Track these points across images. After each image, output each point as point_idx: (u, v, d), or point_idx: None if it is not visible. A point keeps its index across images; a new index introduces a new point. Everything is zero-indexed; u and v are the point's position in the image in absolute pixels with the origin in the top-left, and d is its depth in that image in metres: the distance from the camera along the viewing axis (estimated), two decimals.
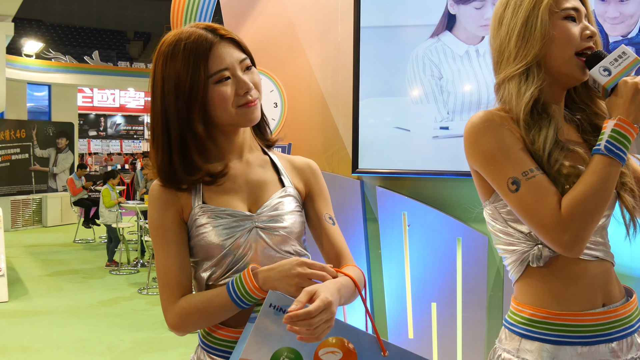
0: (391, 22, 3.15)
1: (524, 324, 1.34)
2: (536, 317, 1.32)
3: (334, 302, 1.14)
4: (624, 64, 1.30)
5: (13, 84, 12.58)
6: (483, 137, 1.32)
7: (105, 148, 22.62)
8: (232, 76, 1.30)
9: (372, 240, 3.26)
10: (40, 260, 8.90)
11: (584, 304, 1.31)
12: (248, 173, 1.39)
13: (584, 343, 1.29)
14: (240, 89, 1.30)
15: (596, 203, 1.23)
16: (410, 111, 3.09)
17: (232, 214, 1.33)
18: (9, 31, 9.78)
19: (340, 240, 1.43)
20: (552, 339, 1.30)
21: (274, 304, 1.18)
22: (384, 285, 3.20)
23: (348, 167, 3.27)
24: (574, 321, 1.30)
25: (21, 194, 12.15)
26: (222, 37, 1.31)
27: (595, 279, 1.33)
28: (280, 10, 3.49)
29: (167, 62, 1.30)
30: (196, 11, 3.87)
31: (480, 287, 2.97)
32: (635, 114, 1.26)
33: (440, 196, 3.12)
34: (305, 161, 1.51)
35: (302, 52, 3.43)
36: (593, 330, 1.30)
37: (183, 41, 1.29)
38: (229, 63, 1.30)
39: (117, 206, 8.35)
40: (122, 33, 28.07)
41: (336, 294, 1.18)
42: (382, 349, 1.18)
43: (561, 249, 1.24)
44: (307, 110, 3.45)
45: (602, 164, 1.24)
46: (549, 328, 1.31)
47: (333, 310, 1.14)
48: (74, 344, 5.11)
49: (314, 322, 1.11)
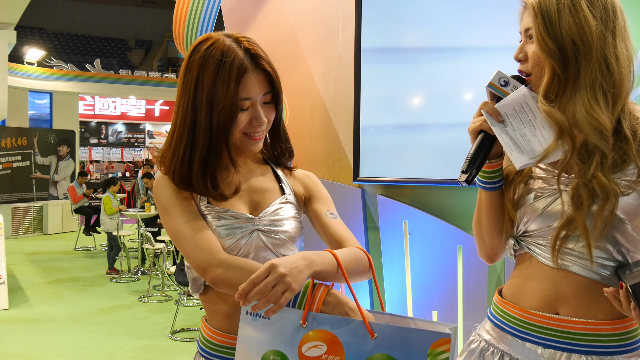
0: (392, 30, 3.16)
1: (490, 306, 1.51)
2: (495, 300, 1.48)
3: (277, 264, 1.14)
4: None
5: (15, 92, 12.61)
6: None
7: (106, 156, 22.64)
8: (252, 106, 1.35)
9: (373, 248, 3.26)
10: (41, 267, 8.89)
11: (533, 304, 1.37)
12: (250, 179, 1.44)
13: (515, 332, 1.39)
14: (255, 120, 1.35)
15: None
16: (411, 119, 3.10)
17: (235, 215, 1.36)
18: (11, 39, 9.82)
19: (341, 230, 1.43)
20: (494, 321, 1.45)
21: (249, 310, 1.20)
22: (385, 293, 3.20)
23: (349, 176, 3.27)
24: (510, 311, 1.40)
25: (22, 201, 12.15)
26: (257, 66, 1.34)
27: (555, 286, 1.34)
28: (282, 19, 3.51)
29: (203, 69, 1.32)
30: (198, 20, 3.89)
31: (481, 295, 2.96)
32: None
33: (441, 204, 3.12)
34: (303, 172, 1.57)
35: (304, 61, 3.44)
36: (522, 326, 1.37)
37: (223, 57, 1.31)
38: (254, 94, 1.34)
39: (118, 214, 8.35)
40: (123, 41, 28.15)
41: (289, 260, 1.17)
42: (370, 332, 1.15)
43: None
44: (308, 119, 3.46)
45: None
46: (496, 311, 1.46)
47: (280, 272, 1.14)
48: (74, 352, 5.10)
49: (262, 288, 1.13)
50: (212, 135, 1.33)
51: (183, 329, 5.72)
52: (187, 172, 1.34)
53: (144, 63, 26.10)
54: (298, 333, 1.18)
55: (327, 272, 1.24)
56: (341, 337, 1.16)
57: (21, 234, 12.06)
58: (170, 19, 4.15)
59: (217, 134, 1.33)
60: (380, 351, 1.14)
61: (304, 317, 1.18)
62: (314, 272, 1.20)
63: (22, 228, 12.11)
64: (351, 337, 1.15)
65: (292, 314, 1.19)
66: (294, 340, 1.17)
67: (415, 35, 3.13)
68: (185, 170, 1.34)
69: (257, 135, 1.37)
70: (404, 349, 1.13)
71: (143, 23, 28.94)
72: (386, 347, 1.14)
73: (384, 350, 1.13)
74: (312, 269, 1.20)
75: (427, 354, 1.11)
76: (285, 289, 1.14)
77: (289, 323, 1.18)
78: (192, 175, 1.34)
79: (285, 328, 1.18)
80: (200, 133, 1.33)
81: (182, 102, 1.35)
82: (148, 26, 28.71)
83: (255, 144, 1.39)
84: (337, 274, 1.26)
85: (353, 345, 1.15)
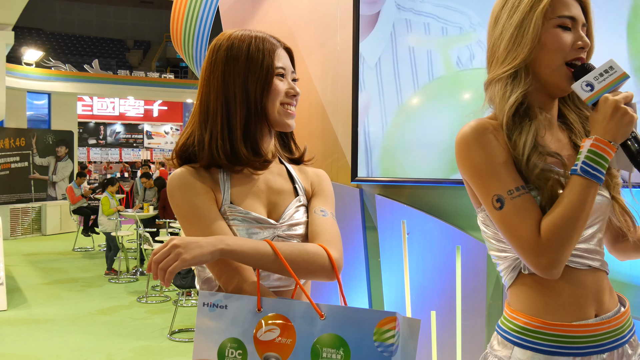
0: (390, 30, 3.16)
1: (517, 332, 1.33)
2: (529, 325, 1.32)
3: (175, 238, 1.22)
4: (609, 79, 1.27)
5: (13, 93, 12.61)
6: (473, 150, 1.32)
7: (104, 156, 22.62)
8: (285, 77, 1.45)
9: (372, 249, 3.26)
10: (39, 268, 8.88)
11: (576, 314, 1.31)
12: (269, 179, 1.47)
13: (576, 354, 1.29)
14: (290, 89, 1.44)
15: (574, 226, 1.23)
16: (410, 119, 3.10)
17: (257, 219, 1.39)
18: (9, 40, 9.81)
19: (318, 226, 1.42)
20: (544, 349, 1.30)
21: (206, 302, 1.23)
22: (383, 293, 3.20)
23: (347, 176, 3.27)
24: (566, 332, 1.29)
25: (20, 202, 12.14)
26: (282, 46, 1.47)
27: (587, 288, 1.32)
28: (280, 19, 3.51)
29: (232, 49, 1.40)
30: (196, 20, 3.89)
31: (479, 295, 2.96)
32: (614, 133, 1.24)
33: (440, 204, 3.12)
34: (314, 170, 1.60)
35: (302, 61, 3.44)
36: (585, 342, 1.29)
37: (252, 37, 1.42)
38: (287, 65, 1.45)
39: (117, 214, 8.35)
40: (121, 42, 28.13)
41: (193, 237, 1.24)
42: (319, 313, 1.19)
43: (539, 272, 1.25)
44: (306, 119, 3.46)
45: (579, 185, 1.24)
46: (542, 338, 1.30)
47: (173, 244, 1.21)
48: (72, 353, 5.10)
49: (157, 258, 1.20)
50: (249, 103, 1.39)
51: (182, 329, 5.71)
52: (230, 144, 1.38)
53: (143, 63, 26.09)
54: (254, 319, 1.21)
55: (247, 256, 1.26)
56: (293, 319, 1.20)
57: (19, 234, 12.05)
58: (169, 19, 4.14)
59: (255, 102, 1.39)
60: (329, 331, 1.18)
61: (258, 303, 1.21)
62: (220, 250, 1.23)
63: (21, 229, 12.11)
64: (302, 319, 1.20)
65: (246, 300, 1.22)
66: (250, 327, 1.21)
67: (414, 35, 3.13)
68: (227, 144, 1.38)
69: (292, 108, 1.45)
70: (352, 329, 1.17)
71: (141, 23, 28.93)
72: (335, 327, 1.18)
73: (332, 330, 1.18)
74: (219, 247, 1.23)
75: (374, 332, 1.16)
76: (176, 259, 1.19)
77: (244, 310, 1.21)
78: (234, 145, 1.38)
79: (241, 315, 1.21)
80: (236, 105, 1.39)
81: (211, 87, 1.41)
82: (146, 27, 28.70)
83: (292, 117, 1.46)
84: (274, 265, 1.28)
85: (303, 327, 1.19)
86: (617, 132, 1.24)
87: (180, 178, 1.38)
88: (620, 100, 1.24)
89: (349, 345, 1.17)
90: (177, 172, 1.40)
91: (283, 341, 1.19)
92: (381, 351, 1.15)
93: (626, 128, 1.24)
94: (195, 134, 1.41)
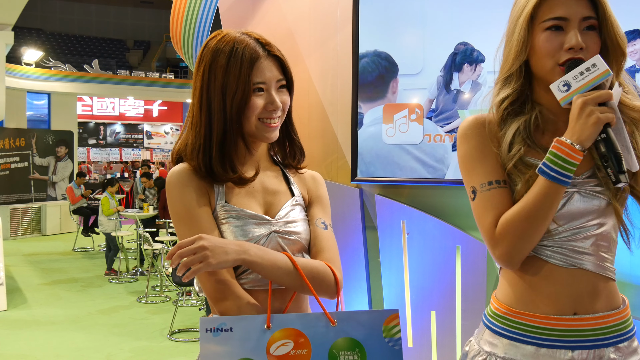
0: (390, 31, 3.16)
1: (490, 316, 1.41)
2: (499, 311, 1.39)
3: (204, 237, 1.23)
4: (588, 78, 1.23)
5: (13, 93, 12.60)
6: (463, 142, 1.40)
7: (104, 156, 22.61)
8: (266, 91, 1.39)
9: (371, 249, 3.26)
10: (39, 269, 8.88)
11: (549, 309, 1.32)
12: (264, 180, 1.47)
13: (540, 345, 1.32)
14: (269, 104, 1.38)
15: (528, 223, 1.27)
16: (410, 119, 3.10)
17: (252, 216, 1.39)
18: (9, 40, 9.80)
19: (325, 242, 1.44)
20: (508, 335, 1.36)
21: (209, 327, 1.22)
22: (383, 293, 3.20)
23: (347, 176, 3.27)
24: (531, 322, 1.33)
25: (20, 202, 12.14)
26: (269, 53, 1.40)
27: (563, 286, 1.32)
28: (280, 19, 3.51)
29: (215, 59, 1.37)
30: (195, 20, 3.88)
31: (479, 295, 2.96)
32: (579, 134, 1.22)
33: (439, 204, 3.12)
34: (311, 173, 1.59)
35: (302, 61, 3.44)
36: (551, 334, 1.31)
37: (235, 45, 1.37)
38: (267, 78, 1.38)
39: (117, 214, 8.35)
40: (121, 42, 28.13)
41: (221, 240, 1.26)
42: (330, 320, 1.24)
43: (496, 261, 1.35)
44: (306, 119, 3.45)
45: (538, 185, 1.27)
46: (507, 324, 1.36)
47: (201, 244, 1.22)
48: (73, 353, 5.10)
49: (183, 252, 1.21)
50: (226, 120, 1.37)
51: (182, 329, 5.71)
52: (208, 159, 1.38)
53: (142, 63, 26.09)
54: (264, 336, 1.23)
55: (264, 268, 1.28)
56: (305, 330, 1.24)
57: (19, 235, 12.05)
58: (168, 19, 4.14)
59: (231, 119, 1.37)
60: (342, 335, 1.24)
61: (268, 320, 1.23)
62: (243, 260, 1.26)
63: (21, 229, 12.11)
64: (314, 328, 1.24)
65: (251, 319, 1.24)
66: (260, 344, 1.22)
67: (414, 35, 3.13)
68: (207, 158, 1.38)
69: (273, 122, 1.40)
70: (362, 330, 1.25)
71: (141, 24, 28.93)
72: (347, 331, 1.25)
73: (345, 334, 1.25)
74: (242, 256, 1.25)
75: (382, 330, 1.25)
76: (202, 260, 1.21)
77: (252, 329, 1.23)
78: (212, 161, 1.37)
79: (249, 334, 1.22)
80: (215, 119, 1.37)
81: (197, 94, 1.40)
82: (146, 27, 28.70)
83: (272, 131, 1.41)
84: (288, 278, 1.31)
85: (317, 336, 1.24)
86: (582, 134, 1.22)
87: (179, 175, 1.39)
88: (588, 101, 1.22)
89: (364, 345, 1.24)
90: (177, 168, 1.41)
91: (299, 352, 1.22)
92: (392, 346, 1.25)
93: (591, 129, 1.21)
94: (187, 140, 1.43)
